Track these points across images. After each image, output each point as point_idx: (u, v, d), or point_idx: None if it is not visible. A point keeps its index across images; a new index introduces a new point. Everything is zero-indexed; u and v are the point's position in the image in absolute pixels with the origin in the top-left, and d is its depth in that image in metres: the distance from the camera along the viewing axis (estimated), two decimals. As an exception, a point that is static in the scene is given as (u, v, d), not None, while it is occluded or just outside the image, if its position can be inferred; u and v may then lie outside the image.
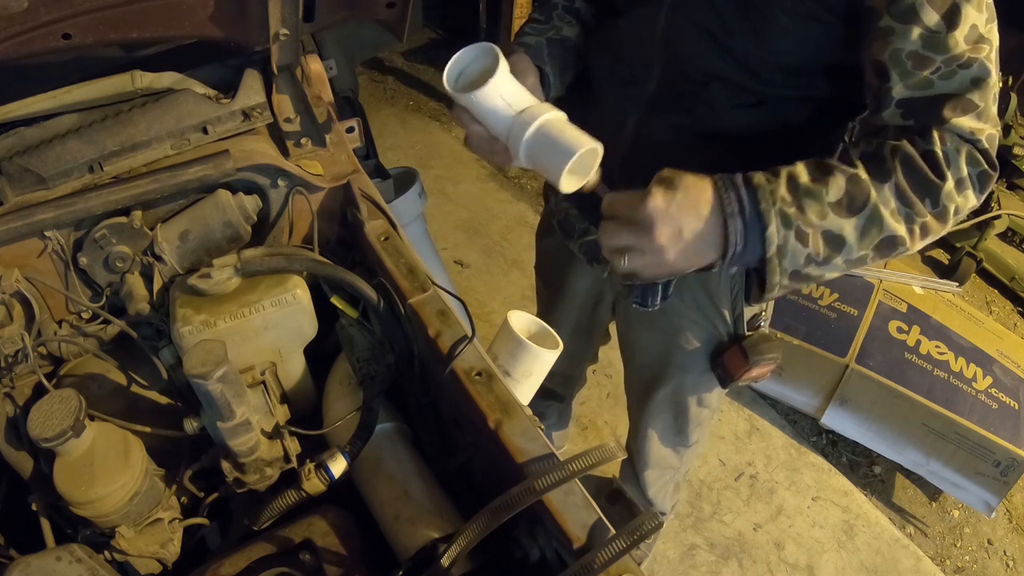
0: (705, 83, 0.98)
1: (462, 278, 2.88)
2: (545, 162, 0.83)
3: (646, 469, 1.56)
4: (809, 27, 0.88)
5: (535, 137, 0.82)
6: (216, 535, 1.07)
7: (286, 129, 1.19)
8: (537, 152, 0.83)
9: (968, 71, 0.79)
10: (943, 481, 2.25)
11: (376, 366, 1.10)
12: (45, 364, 1.13)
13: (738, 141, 1.01)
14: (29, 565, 0.86)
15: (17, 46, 0.92)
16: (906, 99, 0.81)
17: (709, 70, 0.96)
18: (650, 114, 1.05)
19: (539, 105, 0.84)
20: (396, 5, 1.13)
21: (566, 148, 0.80)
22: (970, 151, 0.80)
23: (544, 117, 0.82)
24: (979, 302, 3.13)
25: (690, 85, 0.99)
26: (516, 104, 0.84)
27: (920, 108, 0.81)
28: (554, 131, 0.82)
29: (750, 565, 2.07)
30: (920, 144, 0.79)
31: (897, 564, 2.11)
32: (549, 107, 0.85)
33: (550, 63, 1.05)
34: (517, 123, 0.83)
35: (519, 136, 0.82)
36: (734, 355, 1.22)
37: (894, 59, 0.80)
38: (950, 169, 0.79)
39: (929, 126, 0.80)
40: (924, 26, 0.78)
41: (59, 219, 1.03)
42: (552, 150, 0.81)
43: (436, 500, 0.98)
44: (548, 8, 1.14)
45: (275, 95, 1.17)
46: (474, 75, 0.86)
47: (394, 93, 4.04)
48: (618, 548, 0.73)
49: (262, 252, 1.11)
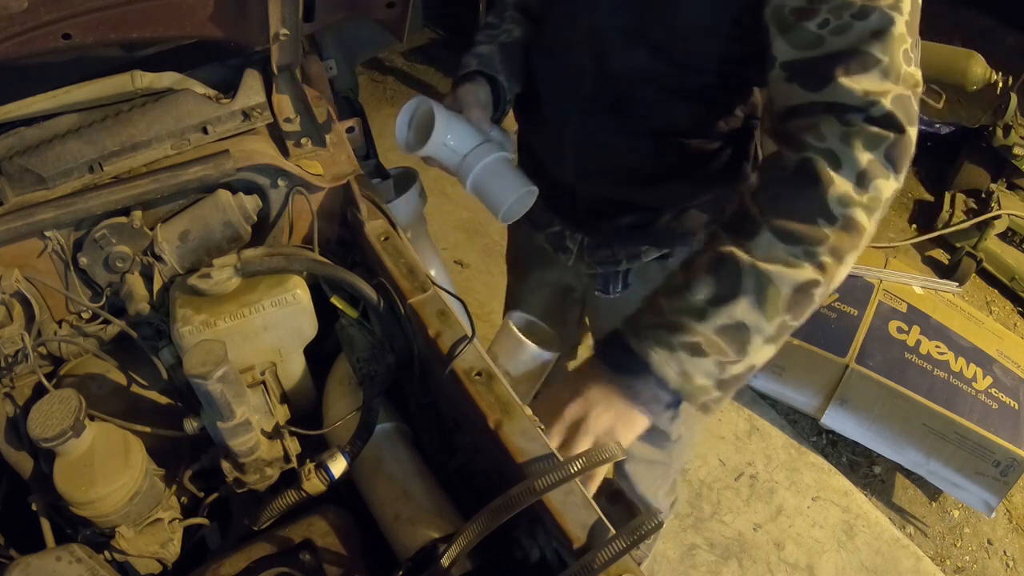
0: (633, 79, 0.98)
1: (462, 278, 2.88)
2: (486, 200, 0.97)
3: (628, 462, 1.53)
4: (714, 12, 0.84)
5: (476, 181, 0.96)
6: (216, 535, 1.07)
7: (286, 129, 1.18)
8: (480, 192, 0.97)
9: (866, 22, 0.68)
10: (943, 481, 2.25)
11: (376, 366, 1.10)
12: (45, 364, 1.13)
13: (670, 136, 1.02)
14: (29, 565, 0.86)
15: (17, 46, 0.92)
16: (791, 61, 0.72)
17: (632, 66, 0.96)
18: (588, 114, 1.06)
19: (478, 148, 0.95)
20: (396, 5, 1.13)
21: (500, 194, 0.94)
22: (864, 132, 0.68)
23: (481, 164, 0.94)
24: (979, 302, 3.13)
25: (619, 83, 0.99)
26: (460, 147, 0.96)
27: (807, 72, 0.70)
28: (491, 176, 0.95)
29: (750, 565, 2.07)
30: (791, 156, 0.71)
31: (897, 564, 2.11)
32: (487, 148, 0.95)
33: (502, 70, 1.08)
34: (463, 167, 0.97)
35: (464, 177, 0.97)
36: None
37: (776, 14, 0.72)
38: (839, 169, 0.69)
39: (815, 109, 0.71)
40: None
41: (59, 219, 1.03)
42: (491, 192, 0.96)
43: (436, 500, 0.98)
44: (500, 8, 1.18)
45: (275, 95, 1.17)
46: (422, 121, 0.99)
47: (394, 93, 4.03)
48: (618, 548, 0.73)
49: (262, 252, 1.11)
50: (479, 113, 1.01)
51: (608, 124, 1.04)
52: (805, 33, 0.70)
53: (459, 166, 0.96)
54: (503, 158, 0.96)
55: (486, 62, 1.08)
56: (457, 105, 1.04)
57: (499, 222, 0.95)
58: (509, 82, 1.09)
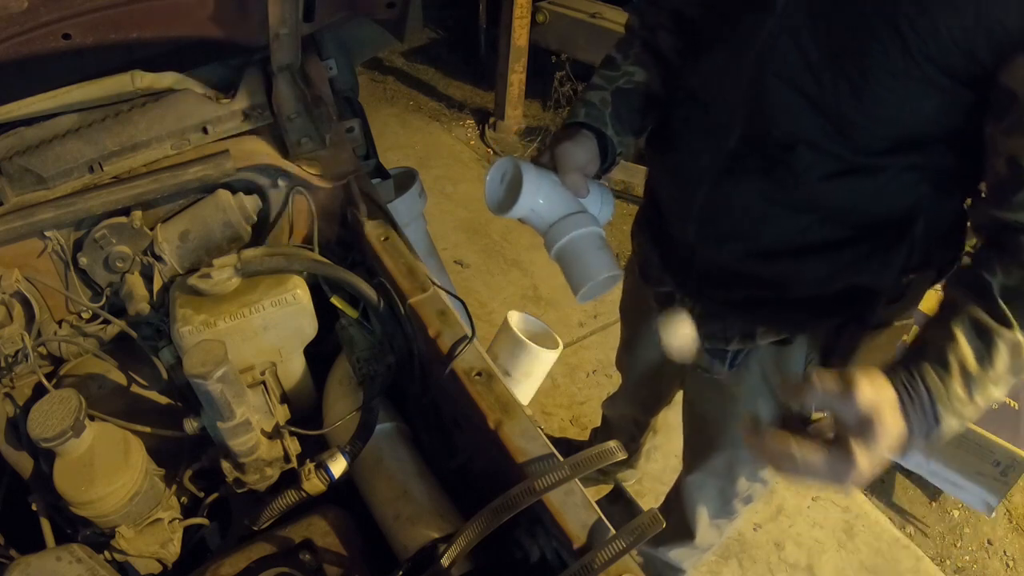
0: (791, 145, 0.86)
1: (462, 278, 2.88)
2: (568, 275, 0.91)
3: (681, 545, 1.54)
4: (922, 92, 0.75)
5: (560, 253, 0.90)
6: (216, 535, 1.07)
7: (286, 129, 1.19)
8: (563, 264, 0.91)
9: None
10: (943, 481, 2.25)
11: (376, 366, 1.10)
12: (45, 364, 1.13)
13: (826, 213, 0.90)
14: (29, 565, 0.86)
15: (17, 46, 0.93)
16: None
17: (795, 131, 0.84)
18: (728, 172, 0.94)
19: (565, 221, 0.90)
20: (396, 5, 1.13)
21: (582, 274, 0.89)
22: None
23: (567, 239, 0.89)
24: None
25: (773, 145, 0.88)
26: (547, 215, 0.91)
27: None
28: (575, 254, 0.90)
29: (750, 565, 2.07)
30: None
31: (897, 564, 2.11)
32: (575, 221, 0.90)
33: (612, 123, 0.99)
34: (548, 235, 0.91)
35: (550, 246, 0.91)
36: None
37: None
38: None
39: None
40: None
41: (59, 219, 1.03)
42: (573, 270, 0.90)
43: (436, 500, 0.98)
44: (626, 46, 1.06)
45: (275, 95, 1.17)
46: (512, 181, 0.94)
47: (394, 93, 4.03)
48: (618, 548, 0.73)
49: (262, 252, 1.11)
50: (575, 178, 0.93)
51: (749, 188, 0.93)
52: None
53: (546, 233, 0.91)
54: (592, 234, 0.89)
55: (595, 114, 0.99)
56: (553, 164, 0.95)
57: (577, 300, 0.90)
58: (620, 135, 0.99)
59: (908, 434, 0.68)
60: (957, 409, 0.69)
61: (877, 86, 0.75)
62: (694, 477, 1.42)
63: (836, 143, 0.83)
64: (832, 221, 0.90)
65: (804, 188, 0.88)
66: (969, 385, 0.69)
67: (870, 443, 0.65)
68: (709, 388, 1.24)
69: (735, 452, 1.29)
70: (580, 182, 0.94)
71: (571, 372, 2.50)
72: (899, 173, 0.84)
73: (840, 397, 0.65)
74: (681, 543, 1.59)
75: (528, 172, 0.87)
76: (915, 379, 0.69)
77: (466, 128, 3.78)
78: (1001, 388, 0.71)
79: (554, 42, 3.49)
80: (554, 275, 2.92)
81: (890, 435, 0.66)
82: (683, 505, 1.52)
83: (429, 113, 3.89)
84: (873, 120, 0.79)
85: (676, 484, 1.60)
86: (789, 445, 0.68)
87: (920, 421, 0.68)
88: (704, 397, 1.29)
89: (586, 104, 1.01)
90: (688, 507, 1.50)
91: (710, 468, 1.37)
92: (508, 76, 3.41)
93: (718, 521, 1.51)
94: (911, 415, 0.68)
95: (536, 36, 3.42)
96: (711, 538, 1.57)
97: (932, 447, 0.74)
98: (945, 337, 0.70)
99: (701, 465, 1.38)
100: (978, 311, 0.71)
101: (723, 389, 1.21)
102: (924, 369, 0.69)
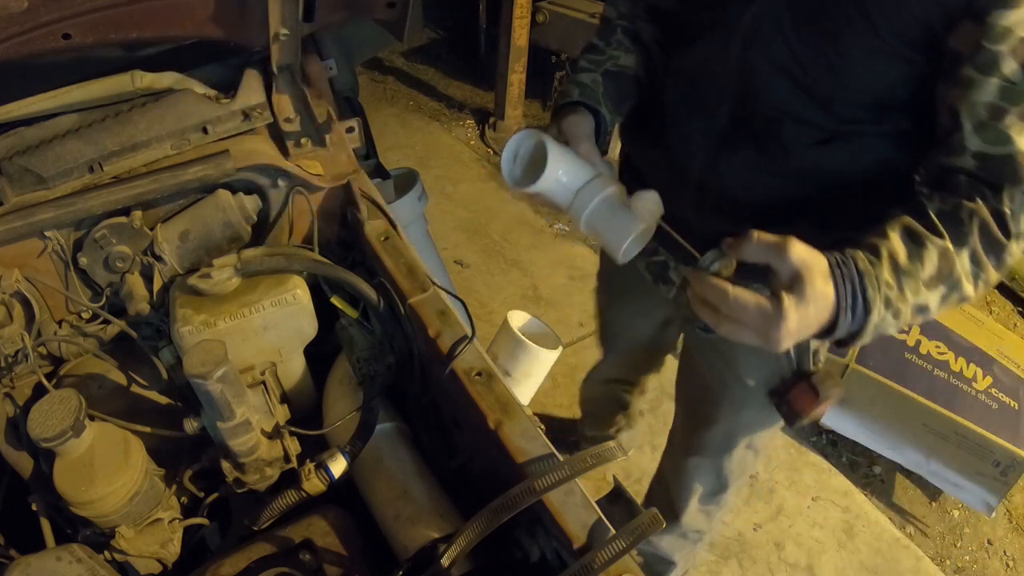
0: (778, 119, 0.95)
1: (462, 278, 2.88)
2: (603, 238, 0.89)
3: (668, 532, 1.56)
4: (889, 65, 0.85)
5: (591, 217, 0.88)
6: (216, 535, 1.07)
7: (286, 129, 1.19)
8: (596, 228, 0.89)
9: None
10: (943, 481, 2.25)
11: (376, 366, 1.10)
12: (45, 364, 1.13)
13: (813, 178, 0.99)
14: (29, 565, 0.86)
15: (17, 46, 0.93)
16: (981, 153, 0.81)
17: (781, 106, 0.94)
18: (721, 148, 1.02)
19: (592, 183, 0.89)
20: (396, 5, 1.13)
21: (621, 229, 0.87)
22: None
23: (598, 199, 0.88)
24: (979, 302, 3.13)
25: (762, 121, 0.96)
26: (572, 182, 0.89)
27: (996, 166, 0.80)
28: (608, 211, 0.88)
29: (750, 565, 2.07)
30: (991, 202, 0.80)
31: (897, 564, 2.11)
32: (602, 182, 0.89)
33: (605, 102, 1.03)
34: (575, 203, 0.89)
35: (578, 215, 0.89)
36: (802, 392, 1.14)
37: (971, 110, 0.80)
38: (1015, 227, 0.80)
39: (1003, 184, 0.80)
40: (1003, 76, 0.78)
41: (59, 219, 1.03)
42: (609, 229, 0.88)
43: (436, 500, 0.98)
44: (607, 33, 1.11)
45: (275, 95, 1.17)
46: (527, 156, 0.92)
47: (394, 93, 4.04)
48: (618, 548, 0.73)
49: (262, 252, 1.11)
50: (588, 146, 0.95)
51: (742, 161, 1.01)
52: (998, 133, 0.79)
53: (572, 203, 0.89)
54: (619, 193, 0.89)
55: (588, 93, 1.03)
56: (562, 138, 0.97)
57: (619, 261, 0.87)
58: (611, 114, 1.04)
59: (837, 306, 0.72)
60: (886, 295, 0.75)
61: (851, 62, 0.85)
62: (693, 460, 1.44)
63: (818, 115, 0.92)
64: (818, 186, 0.99)
65: (793, 157, 0.96)
66: (898, 275, 0.76)
67: (799, 299, 0.70)
68: (710, 352, 1.27)
69: (736, 416, 1.31)
70: (593, 150, 0.96)
71: (571, 372, 2.50)
72: (873, 139, 0.94)
73: (775, 250, 0.71)
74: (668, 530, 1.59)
75: (550, 143, 0.88)
76: (847, 258, 0.74)
77: (466, 128, 3.78)
78: (933, 295, 0.78)
79: (554, 42, 3.50)
80: (554, 275, 2.93)
81: (819, 296, 0.71)
82: (671, 488, 1.54)
83: (429, 113, 3.89)
84: (849, 92, 0.89)
85: (660, 468, 1.62)
86: (726, 287, 0.73)
87: (848, 295, 0.73)
88: (706, 363, 1.31)
89: (579, 85, 1.05)
90: (679, 489, 1.52)
91: (707, 443, 1.39)
92: (508, 76, 3.41)
93: (707, 507, 1.53)
94: (840, 286, 0.72)
95: (536, 36, 3.42)
96: (699, 523, 1.57)
97: (865, 337, 0.78)
98: (879, 235, 0.77)
99: (698, 442, 1.40)
100: (912, 222, 0.79)
101: (722, 353, 1.24)
102: (856, 254, 0.75)
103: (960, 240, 0.78)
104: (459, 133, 3.74)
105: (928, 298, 0.78)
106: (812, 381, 1.13)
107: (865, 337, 0.78)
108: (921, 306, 0.78)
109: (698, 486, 1.48)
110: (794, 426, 1.24)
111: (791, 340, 0.73)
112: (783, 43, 0.89)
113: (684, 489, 1.50)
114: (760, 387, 1.23)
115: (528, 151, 0.92)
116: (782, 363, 1.18)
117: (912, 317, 0.79)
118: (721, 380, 1.27)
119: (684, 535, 1.61)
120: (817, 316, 0.72)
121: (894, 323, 0.77)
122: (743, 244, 0.74)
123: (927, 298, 0.78)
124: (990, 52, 0.77)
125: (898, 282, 0.76)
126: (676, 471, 1.50)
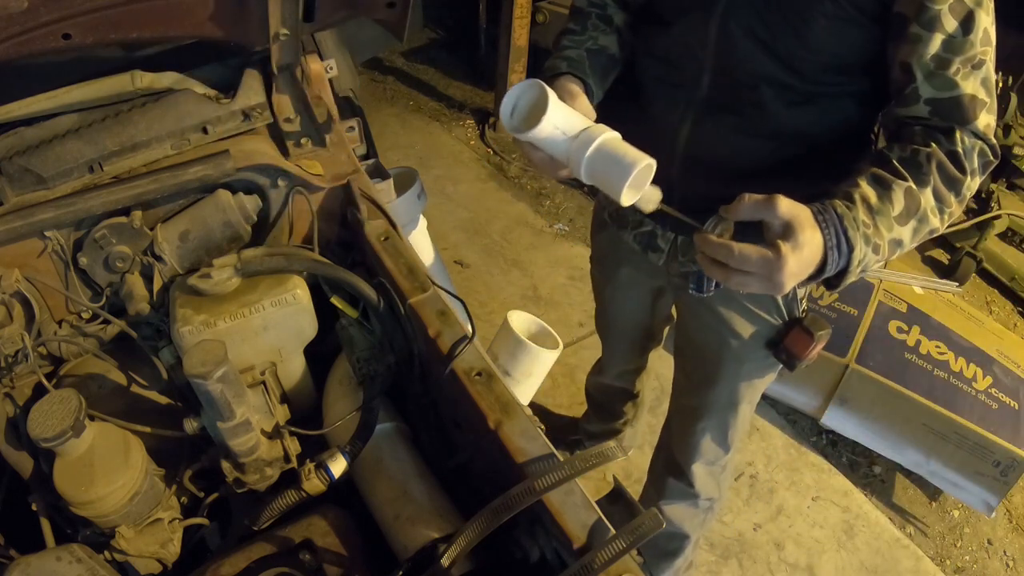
0: (754, 85, 1.04)
1: (462, 278, 2.88)
2: (605, 180, 0.91)
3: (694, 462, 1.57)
4: (846, 29, 0.96)
5: (592, 159, 0.90)
6: (216, 535, 1.07)
7: (286, 129, 1.19)
8: (597, 171, 0.91)
9: (980, 71, 0.91)
10: (943, 481, 2.25)
11: (376, 366, 1.10)
12: (45, 364, 1.13)
13: (789, 137, 1.08)
14: (29, 565, 0.86)
15: (17, 46, 0.93)
16: (933, 99, 0.93)
17: (757, 72, 1.03)
18: (703, 117, 1.11)
19: (591, 128, 0.91)
20: (396, 5, 1.13)
21: (623, 166, 0.89)
22: (981, 147, 0.92)
23: (598, 140, 0.90)
24: (979, 302, 3.13)
25: (740, 87, 1.06)
26: (570, 130, 0.92)
27: (947, 108, 0.92)
28: (609, 151, 0.90)
29: (750, 565, 2.07)
30: (945, 145, 0.91)
31: (897, 564, 2.11)
32: (601, 128, 0.91)
33: (591, 75, 1.10)
34: (575, 148, 0.91)
35: (579, 159, 0.91)
36: (798, 336, 1.26)
37: (920, 62, 0.91)
38: (968, 164, 0.91)
39: (954, 127, 0.91)
40: (945, 32, 0.89)
41: (59, 219, 1.03)
42: (610, 169, 0.90)
43: (436, 500, 0.98)
44: (582, 18, 1.18)
45: (275, 95, 1.17)
46: (526, 107, 0.94)
47: (394, 93, 4.03)
48: (618, 548, 0.73)
49: (262, 252, 1.11)
50: (583, 101, 1.02)
51: (724, 125, 1.10)
52: (945, 80, 0.91)
53: (569, 149, 0.92)
54: (616, 136, 0.92)
55: (576, 65, 1.10)
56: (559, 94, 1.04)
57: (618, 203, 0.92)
58: (597, 87, 1.11)
59: (825, 247, 0.82)
60: (864, 233, 0.84)
61: (815, 28, 0.96)
62: (700, 424, 1.48)
63: (789, 78, 1.02)
64: (793, 144, 1.09)
65: (770, 118, 1.06)
66: (872, 214, 0.86)
67: (794, 245, 0.79)
68: (706, 313, 1.32)
69: (738, 370, 1.36)
70: (588, 106, 1.03)
71: (571, 372, 2.50)
72: (838, 99, 1.05)
73: (765, 206, 0.81)
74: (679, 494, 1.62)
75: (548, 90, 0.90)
76: (826, 206, 0.84)
77: (466, 128, 3.78)
78: (905, 229, 0.89)
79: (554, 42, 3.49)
80: (554, 275, 2.93)
81: (809, 240, 0.80)
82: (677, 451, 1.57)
83: (429, 113, 3.89)
84: (814, 54, 0.99)
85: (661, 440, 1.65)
86: (731, 244, 0.81)
87: (832, 236, 0.82)
88: (703, 324, 1.36)
89: (565, 59, 1.11)
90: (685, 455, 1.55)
91: (712, 402, 1.43)
92: (508, 76, 3.41)
93: (713, 468, 1.57)
94: (824, 230, 0.82)
95: (536, 36, 3.42)
96: (708, 488, 1.61)
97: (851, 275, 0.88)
98: (850, 185, 0.88)
99: (703, 403, 1.44)
100: (878, 170, 0.90)
101: (716, 313, 1.30)
102: (834, 202, 0.85)
103: (921, 180, 0.89)
104: (459, 133, 3.74)
105: (901, 232, 0.88)
106: (804, 325, 1.25)
107: (851, 275, 0.87)
108: (896, 239, 0.88)
109: (704, 448, 1.52)
110: (795, 369, 1.33)
111: (793, 281, 0.81)
112: (755, 14, 0.99)
113: (690, 453, 1.54)
114: (756, 339, 1.31)
115: (527, 103, 0.94)
116: (772, 314, 1.27)
117: (890, 251, 0.89)
118: (719, 338, 1.33)
119: (695, 503, 1.63)
120: (811, 257, 0.82)
121: (875, 257, 0.87)
122: (737, 206, 0.83)
123: (900, 232, 0.88)
124: (932, 11, 0.89)
125: (873, 220, 0.86)
126: (682, 434, 1.54)
